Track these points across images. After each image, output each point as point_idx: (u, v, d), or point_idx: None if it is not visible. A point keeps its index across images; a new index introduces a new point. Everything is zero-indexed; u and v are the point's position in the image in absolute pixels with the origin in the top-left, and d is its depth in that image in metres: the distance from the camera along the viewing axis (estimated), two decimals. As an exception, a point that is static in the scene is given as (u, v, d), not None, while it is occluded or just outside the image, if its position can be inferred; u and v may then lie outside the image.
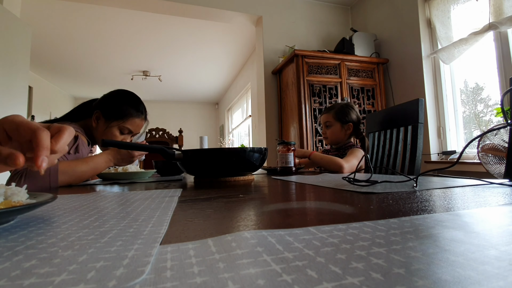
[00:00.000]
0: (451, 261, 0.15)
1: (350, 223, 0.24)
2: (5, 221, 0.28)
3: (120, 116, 1.02)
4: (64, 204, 0.41)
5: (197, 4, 2.68)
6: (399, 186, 0.50)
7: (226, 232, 0.23)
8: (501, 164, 1.39)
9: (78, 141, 0.91)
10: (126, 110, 1.03)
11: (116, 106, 1.02)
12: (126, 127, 1.03)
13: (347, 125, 1.38)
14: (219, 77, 5.62)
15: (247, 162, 0.79)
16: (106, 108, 1.02)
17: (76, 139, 0.91)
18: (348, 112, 1.39)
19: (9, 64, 2.08)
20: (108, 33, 3.71)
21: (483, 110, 2.10)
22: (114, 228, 0.25)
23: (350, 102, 1.55)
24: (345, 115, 1.38)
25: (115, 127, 1.02)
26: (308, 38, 3.00)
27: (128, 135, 1.07)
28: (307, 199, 0.42)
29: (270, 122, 2.82)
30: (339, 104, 1.44)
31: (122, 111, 1.02)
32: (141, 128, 1.10)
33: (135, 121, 1.05)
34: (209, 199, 0.44)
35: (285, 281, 0.13)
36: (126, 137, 1.07)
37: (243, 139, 5.67)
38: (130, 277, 0.14)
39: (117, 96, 1.06)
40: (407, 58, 2.45)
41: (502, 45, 1.82)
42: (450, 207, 0.30)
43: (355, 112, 1.41)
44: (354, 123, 1.38)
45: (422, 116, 1.11)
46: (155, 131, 3.06)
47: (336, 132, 1.39)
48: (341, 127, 1.39)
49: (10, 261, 0.17)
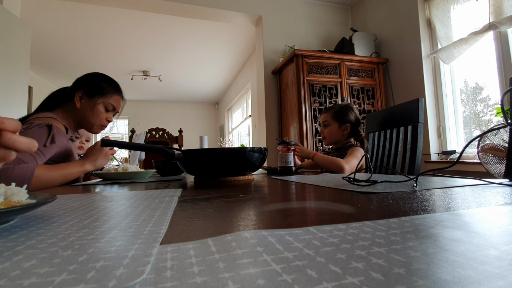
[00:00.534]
0: (451, 260, 0.15)
1: (350, 223, 0.24)
2: (5, 221, 0.28)
3: (103, 92, 1.03)
4: (64, 204, 0.41)
5: (197, 4, 2.68)
6: (399, 186, 0.50)
7: (226, 232, 0.23)
8: (501, 164, 1.39)
9: (53, 131, 0.88)
10: (108, 88, 1.04)
11: (97, 84, 1.03)
12: (110, 103, 1.04)
13: (344, 125, 1.39)
14: (219, 77, 5.62)
15: (247, 162, 0.79)
16: (87, 86, 1.02)
17: (50, 129, 0.88)
18: (346, 112, 1.40)
19: (9, 64, 2.08)
20: (108, 33, 3.71)
21: (483, 110, 2.10)
22: (114, 228, 0.25)
23: (350, 104, 1.55)
24: (343, 115, 1.39)
25: (100, 104, 1.02)
26: (308, 38, 3.00)
27: (112, 112, 1.07)
28: (307, 199, 0.42)
29: (270, 122, 2.82)
30: (339, 104, 1.46)
31: (104, 88, 1.03)
32: (121, 106, 1.11)
33: (117, 98, 1.07)
34: (209, 199, 0.44)
35: (285, 281, 0.13)
36: (110, 115, 1.07)
37: (243, 139, 5.67)
38: (130, 277, 0.14)
39: (96, 75, 1.06)
40: (407, 58, 2.45)
41: (502, 45, 1.82)
42: (450, 207, 0.30)
43: (354, 114, 1.41)
44: (352, 124, 1.39)
45: (422, 116, 1.11)
46: (155, 131, 3.06)
47: (333, 131, 1.40)
48: (338, 127, 1.40)
49: (10, 261, 0.17)
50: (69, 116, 1.03)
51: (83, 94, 1.01)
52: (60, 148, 0.92)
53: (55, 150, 0.90)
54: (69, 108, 1.03)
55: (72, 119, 1.04)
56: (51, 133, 0.87)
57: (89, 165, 0.92)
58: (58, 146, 0.90)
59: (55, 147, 0.89)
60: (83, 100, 1.02)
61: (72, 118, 1.04)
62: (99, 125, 1.06)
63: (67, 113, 1.03)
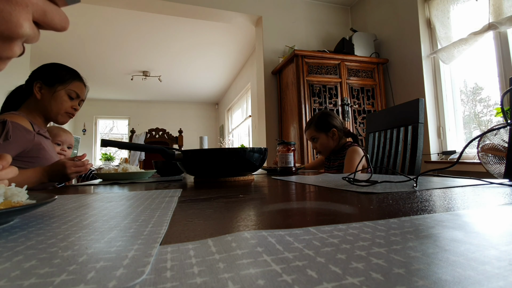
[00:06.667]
0: (451, 261, 0.15)
1: (350, 223, 0.24)
2: (5, 222, 0.28)
3: (62, 80, 1.01)
4: (64, 204, 0.41)
5: (197, 4, 2.69)
6: (399, 186, 0.50)
7: (226, 232, 0.23)
8: (501, 164, 1.39)
9: (7, 127, 0.84)
10: (67, 75, 1.02)
11: (55, 72, 1.01)
12: (73, 91, 1.02)
13: (331, 132, 1.40)
14: (219, 77, 5.62)
15: (247, 162, 0.79)
16: (45, 76, 1.00)
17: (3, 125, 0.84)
18: (326, 119, 1.42)
19: (9, 64, 2.07)
20: (108, 33, 3.71)
21: (482, 110, 2.10)
22: (114, 229, 0.25)
23: (326, 110, 1.56)
24: (325, 123, 1.41)
25: (61, 91, 1.00)
26: (308, 38, 3.00)
27: (77, 100, 1.05)
28: (307, 199, 0.42)
29: (270, 122, 2.82)
30: (315, 116, 1.47)
31: (62, 76, 1.01)
32: (85, 93, 1.09)
33: (78, 84, 1.04)
34: (209, 199, 0.44)
35: (285, 281, 0.13)
36: (75, 103, 1.05)
37: (243, 139, 5.67)
38: (130, 278, 0.14)
39: (52, 65, 1.04)
40: (407, 58, 2.45)
41: (502, 45, 1.82)
42: (450, 207, 0.30)
43: (334, 118, 1.44)
44: (337, 128, 1.41)
45: (422, 116, 1.11)
46: (155, 131, 3.06)
47: (324, 143, 1.42)
48: (326, 136, 1.41)
49: (10, 261, 0.17)
50: (33, 110, 1.00)
51: (42, 84, 0.99)
52: (23, 144, 0.88)
53: (16, 148, 0.86)
54: (31, 102, 1.00)
55: (37, 113, 1.01)
56: (4, 129, 0.84)
57: (46, 177, 0.88)
58: (18, 143, 0.86)
59: (14, 145, 0.85)
60: (43, 91, 0.99)
61: (37, 112, 1.01)
62: (65, 113, 1.03)
63: (31, 108, 1.00)
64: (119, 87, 5.95)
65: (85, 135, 6.51)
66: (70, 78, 1.02)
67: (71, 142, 1.54)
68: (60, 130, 1.49)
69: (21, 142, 0.88)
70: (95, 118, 6.78)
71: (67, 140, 1.50)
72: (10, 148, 0.85)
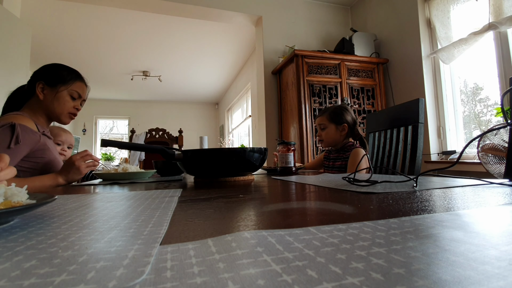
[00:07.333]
0: (451, 261, 0.15)
1: (350, 223, 0.24)
2: (5, 222, 0.28)
3: (64, 80, 1.01)
4: (64, 204, 0.41)
5: (197, 4, 2.69)
6: (399, 186, 0.50)
7: (226, 232, 0.23)
8: (501, 164, 1.39)
9: (17, 131, 0.84)
10: (68, 75, 1.02)
11: (57, 73, 1.01)
12: (75, 91, 1.02)
13: (341, 126, 1.39)
14: (219, 77, 5.62)
15: (247, 162, 0.79)
16: (47, 76, 1.00)
17: (13, 128, 0.84)
18: (342, 113, 1.40)
19: (9, 64, 2.08)
20: (108, 33, 3.71)
21: (482, 110, 2.10)
22: (114, 228, 0.25)
23: (345, 104, 1.54)
24: (339, 116, 1.39)
25: (64, 92, 1.00)
26: (308, 38, 3.00)
27: (79, 100, 1.05)
28: (307, 199, 0.42)
29: (270, 122, 2.82)
30: (333, 106, 1.45)
31: (64, 76, 1.01)
32: (86, 93, 1.09)
33: (80, 85, 1.05)
34: (209, 199, 0.44)
35: (285, 281, 0.13)
36: (77, 103, 1.05)
37: (243, 139, 5.67)
38: (130, 278, 0.14)
39: (54, 65, 1.04)
40: (407, 58, 2.45)
41: (502, 45, 1.82)
42: (450, 207, 0.30)
43: (350, 114, 1.41)
44: (349, 124, 1.39)
45: (422, 116, 1.11)
46: (155, 131, 3.06)
47: (330, 133, 1.40)
48: (335, 128, 1.39)
49: (10, 261, 0.17)
50: (36, 111, 1.00)
51: (44, 84, 0.99)
52: (31, 145, 0.89)
53: (24, 150, 0.87)
54: (34, 103, 1.00)
55: (40, 113, 1.01)
56: (14, 133, 0.84)
57: (61, 178, 0.89)
58: (26, 145, 0.87)
59: (23, 147, 0.86)
60: (45, 91, 0.99)
61: (40, 112, 1.01)
62: (67, 113, 1.03)
63: (34, 109, 1.00)
64: (119, 87, 5.95)
65: (85, 135, 6.52)
66: (72, 78, 1.03)
67: (71, 142, 1.54)
68: (60, 130, 1.49)
69: (29, 144, 0.88)
70: (95, 118, 6.78)
71: (67, 140, 1.50)
72: (20, 151, 0.85)
